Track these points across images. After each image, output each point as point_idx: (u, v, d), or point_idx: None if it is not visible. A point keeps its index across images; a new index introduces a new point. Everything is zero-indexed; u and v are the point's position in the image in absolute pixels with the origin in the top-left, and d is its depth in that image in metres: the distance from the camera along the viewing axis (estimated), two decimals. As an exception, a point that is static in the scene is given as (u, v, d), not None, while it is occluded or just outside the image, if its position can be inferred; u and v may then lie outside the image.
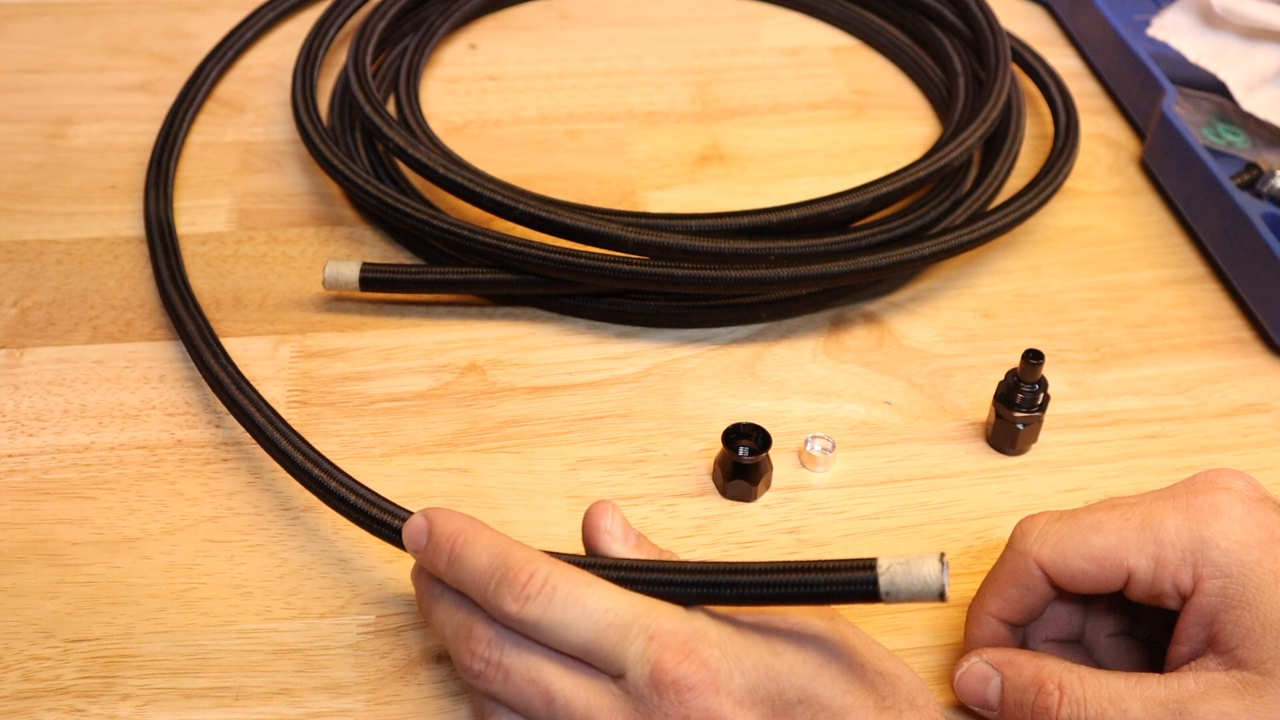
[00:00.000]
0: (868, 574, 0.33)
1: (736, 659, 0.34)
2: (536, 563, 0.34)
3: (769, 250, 0.51)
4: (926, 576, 0.33)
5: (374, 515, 0.41)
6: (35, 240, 0.56)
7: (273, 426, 0.44)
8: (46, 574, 0.43)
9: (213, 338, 0.49)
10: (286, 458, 0.43)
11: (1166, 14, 0.69)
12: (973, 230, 0.53)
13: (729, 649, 0.34)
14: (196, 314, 0.50)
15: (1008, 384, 0.47)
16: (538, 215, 0.51)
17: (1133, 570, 0.36)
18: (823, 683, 0.34)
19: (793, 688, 0.33)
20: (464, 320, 0.53)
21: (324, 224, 0.58)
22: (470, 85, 0.67)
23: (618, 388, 0.51)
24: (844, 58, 0.71)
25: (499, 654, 0.34)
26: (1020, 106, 0.61)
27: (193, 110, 0.63)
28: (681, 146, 0.64)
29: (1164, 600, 0.36)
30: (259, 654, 0.41)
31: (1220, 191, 0.56)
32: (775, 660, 0.34)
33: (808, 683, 0.34)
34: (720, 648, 0.34)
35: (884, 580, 0.33)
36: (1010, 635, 0.39)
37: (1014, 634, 0.39)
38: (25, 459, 0.47)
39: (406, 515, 0.40)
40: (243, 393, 0.46)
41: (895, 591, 0.33)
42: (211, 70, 0.66)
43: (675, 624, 0.34)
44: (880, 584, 0.33)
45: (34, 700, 0.39)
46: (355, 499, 0.41)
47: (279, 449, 0.44)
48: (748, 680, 0.33)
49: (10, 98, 0.65)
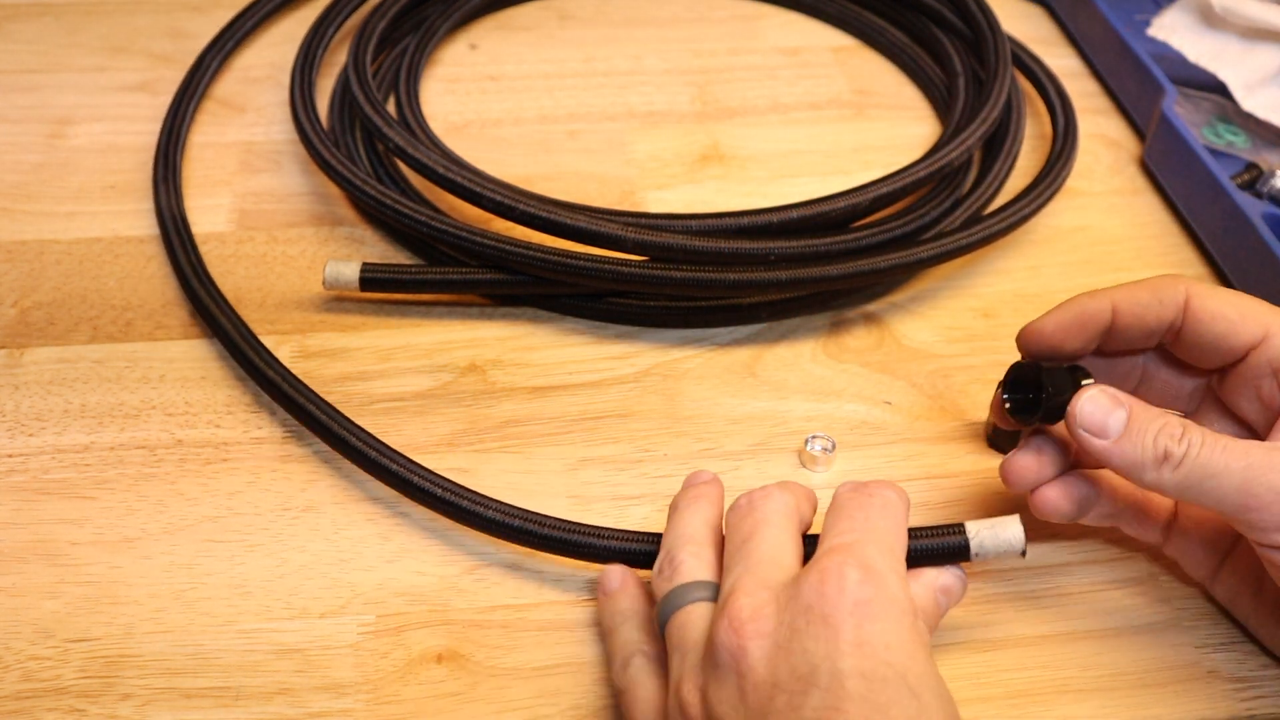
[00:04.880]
0: (959, 538, 0.38)
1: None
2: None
3: (769, 250, 0.51)
4: (1011, 538, 0.38)
5: (464, 506, 0.43)
6: (35, 240, 0.56)
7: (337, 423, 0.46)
8: (46, 574, 0.43)
9: (247, 330, 0.50)
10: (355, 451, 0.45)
11: (1166, 14, 0.69)
12: (972, 233, 0.53)
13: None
14: (226, 309, 0.51)
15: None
16: (538, 215, 0.51)
17: (1271, 334, 0.38)
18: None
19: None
20: (464, 320, 0.53)
21: (324, 224, 0.58)
22: (470, 85, 0.67)
23: (618, 388, 0.51)
24: (844, 58, 0.71)
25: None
26: (1020, 106, 0.61)
27: (195, 100, 0.63)
28: (681, 146, 0.64)
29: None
30: (259, 654, 0.41)
31: (1220, 191, 0.56)
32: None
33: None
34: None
35: (974, 543, 0.38)
36: (1103, 326, 0.40)
37: (1101, 331, 0.40)
38: (25, 459, 0.47)
39: (490, 502, 0.43)
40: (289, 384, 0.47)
41: (983, 552, 0.38)
42: (213, 60, 0.66)
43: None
44: (971, 546, 0.38)
45: (34, 700, 0.39)
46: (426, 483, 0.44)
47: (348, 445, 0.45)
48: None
49: (10, 98, 0.65)
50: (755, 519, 0.37)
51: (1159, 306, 0.39)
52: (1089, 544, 0.45)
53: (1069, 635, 0.42)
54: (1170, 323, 0.39)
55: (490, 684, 0.40)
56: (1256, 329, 0.38)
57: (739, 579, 0.35)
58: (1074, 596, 0.44)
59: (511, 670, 0.41)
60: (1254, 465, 0.35)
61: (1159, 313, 0.39)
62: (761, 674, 0.32)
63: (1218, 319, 0.38)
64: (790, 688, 0.31)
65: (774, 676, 0.32)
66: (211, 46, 0.67)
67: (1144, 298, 0.39)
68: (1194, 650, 0.42)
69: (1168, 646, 0.42)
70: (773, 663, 0.32)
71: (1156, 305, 0.39)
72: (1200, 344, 0.39)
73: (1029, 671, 0.41)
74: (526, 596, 0.43)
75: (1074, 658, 0.42)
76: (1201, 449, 0.36)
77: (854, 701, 0.30)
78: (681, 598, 0.36)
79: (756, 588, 0.34)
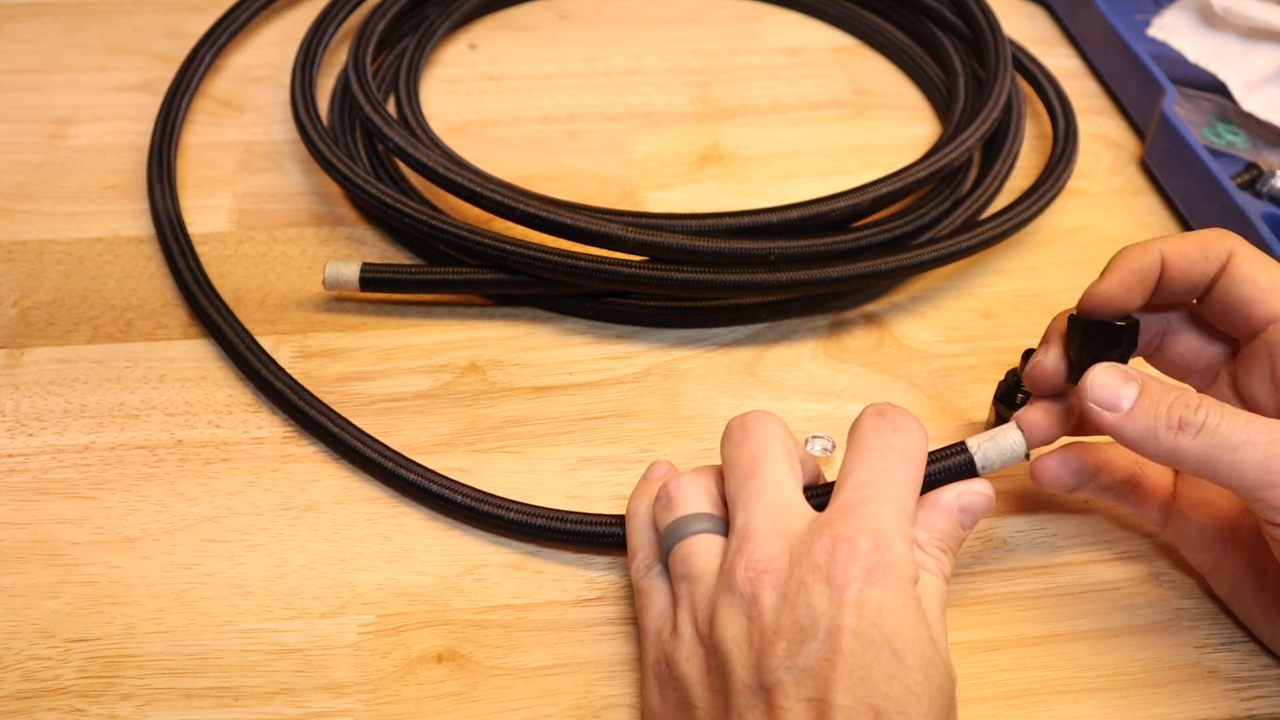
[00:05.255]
0: (963, 456, 0.39)
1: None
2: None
3: (769, 250, 0.51)
4: (1012, 443, 0.40)
5: (485, 510, 0.44)
6: (35, 240, 0.56)
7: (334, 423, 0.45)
8: (46, 574, 0.43)
9: (241, 328, 0.50)
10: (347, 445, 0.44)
11: (1166, 14, 0.69)
12: (972, 236, 0.53)
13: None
14: (221, 308, 0.51)
15: (1008, 384, 0.47)
16: (538, 215, 0.51)
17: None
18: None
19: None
20: (464, 320, 0.53)
21: (324, 224, 0.58)
22: (470, 85, 0.67)
23: (618, 388, 0.51)
24: (844, 58, 0.71)
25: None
26: (1020, 107, 0.61)
27: (189, 96, 0.63)
28: (681, 146, 0.64)
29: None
30: (259, 654, 0.41)
31: (1220, 191, 0.56)
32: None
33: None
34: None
35: (978, 457, 0.39)
36: (1153, 280, 0.39)
37: (1152, 286, 0.39)
38: (25, 459, 0.47)
39: (511, 504, 0.44)
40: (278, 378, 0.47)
41: (989, 463, 0.40)
42: (206, 54, 0.65)
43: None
44: (976, 460, 0.39)
45: (34, 700, 0.39)
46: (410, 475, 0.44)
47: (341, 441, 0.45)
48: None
49: (10, 98, 0.65)
50: (754, 448, 0.39)
51: (1204, 261, 0.39)
52: (1089, 544, 0.45)
53: (1069, 635, 0.42)
54: (1211, 278, 0.39)
55: (490, 684, 0.40)
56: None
57: (753, 522, 0.36)
58: (1074, 596, 0.44)
59: (511, 670, 0.41)
60: (1277, 441, 0.35)
61: (1203, 267, 0.39)
62: (768, 620, 0.34)
63: (1247, 283, 0.38)
64: (791, 636, 0.34)
65: (778, 624, 0.34)
66: (204, 41, 0.66)
67: (1191, 251, 0.39)
68: (1194, 650, 0.42)
69: (1168, 646, 0.42)
70: (779, 611, 0.34)
71: (1202, 260, 0.39)
72: (1225, 305, 0.39)
73: (1029, 671, 0.41)
74: (526, 596, 0.43)
75: (1074, 658, 0.42)
76: (1222, 420, 0.36)
77: (844, 656, 0.33)
78: (683, 529, 0.38)
79: (771, 536, 0.36)
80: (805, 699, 0.33)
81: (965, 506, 0.39)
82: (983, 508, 0.39)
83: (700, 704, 0.35)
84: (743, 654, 0.34)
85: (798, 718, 0.33)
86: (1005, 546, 0.45)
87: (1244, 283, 0.38)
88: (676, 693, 0.36)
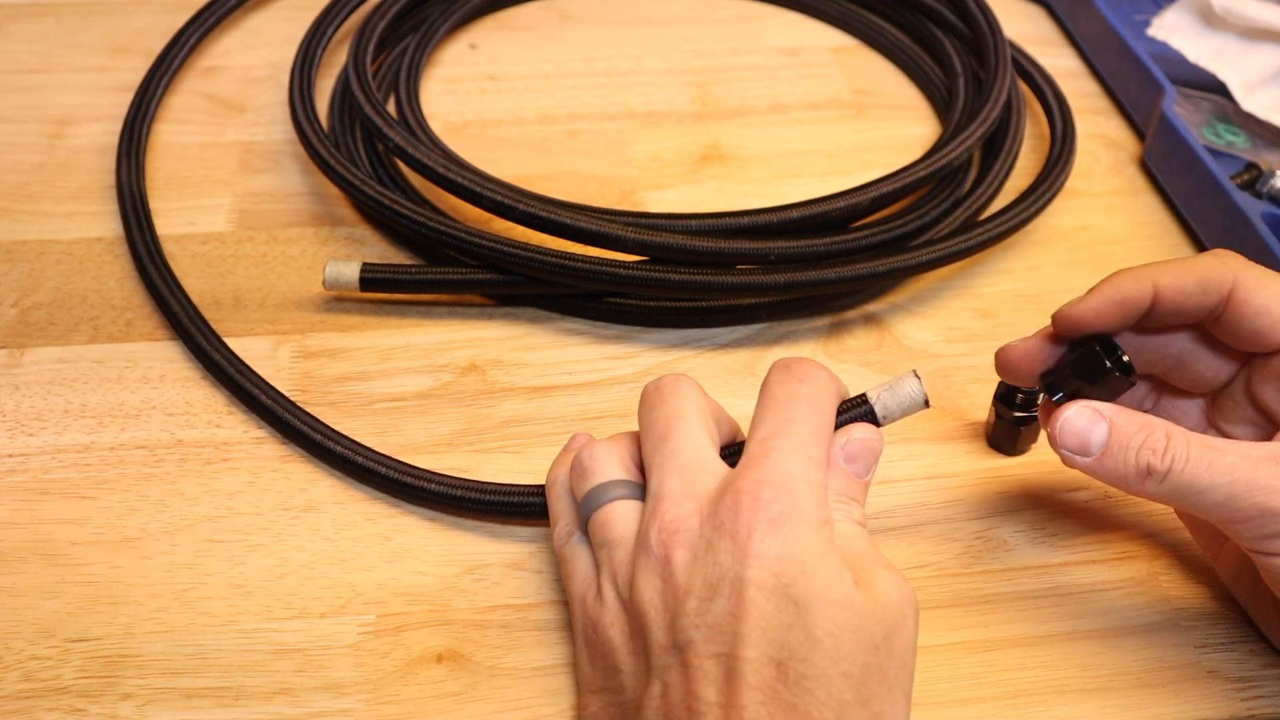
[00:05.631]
0: (864, 407, 0.40)
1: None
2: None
3: (769, 250, 0.51)
4: (911, 391, 0.40)
5: (408, 482, 0.44)
6: (35, 240, 0.56)
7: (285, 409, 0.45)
8: (47, 574, 0.43)
9: (209, 329, 0.50)
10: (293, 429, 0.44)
11: (1166, 14, 0.69)
12: (970, 238, 0.53)
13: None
14: (190, 309, 0.51)
15: (1008, 384, 0.47)
16: (538, 215, 0.51)
17: None
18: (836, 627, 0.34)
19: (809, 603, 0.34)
20: (464, 320, 0.53)
21: (324, 224, 0.58)
22: (470, 85, 0.67)
23: (618, 388, 0.51)
24: (844, 58, 0.71)
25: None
26: (1020, 107, 0.61)
27: (168, 76, 0.63)
28: (681, 146, 0.64)
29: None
30: (259, 654, 0.41)
31: (1220, 191, 0.56)
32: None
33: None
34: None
35: (878, 407, 0.40)
36: (1143, 310, 0.39)
37: (1142, 314, 0.39)
38: (25, 459, 0.47)
39: (431, 476, 0.45)
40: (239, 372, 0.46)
41: (889, 413, 0.40)
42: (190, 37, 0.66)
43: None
44: (876, 411, 0.40)
45: (34, 700, 0.39)
46: (369, 462, 0.44)
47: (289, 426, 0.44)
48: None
49: (10, 98, 0.65)
50: (668, 411, 0.39)
51: (1202, 296, 0.38)
52: (1089, 544, 0.45)
53: (1069, 635, 0.42)
54: (1212, 309, 0.38)
55: (490, 684, 0.40)
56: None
57: (666, 484, 0.37)
58: (1074, 596, 0.44)
59: (511, 670, 0.41)
60: (1238, 481, 0.36)
61: (1200, 301, 0.38)
62: (681, 579, 0.35)
63: (1261, 314, 0.37)
64: (701, 594, 0.34)
65: (689, 583, 0.35)
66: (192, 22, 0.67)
67: (1189, 285, 0.38)
68: (1194, 650, 0.42)
69: (1167, 646, 0.42)
70: (689, 570, 0.35)
71: (1200, 295, 0.38)
72: (1238, 333, 0.38)
73: (1029, 671, 0.41)
74: (526, 596, 0.43)
75: (1073, 658, 0.42)
76: (1186, 465, 0.36)
77: (749, 609, 0.33)
78: (600, 497, 0.39)
79: (684, 497, 0.36)
80: (714, 655, 0.33)
81: (851, 455, 0.38)
82: (869, 451, 0.39)
83: (625, 668, 0.36)
84: (659, 615, 0.35)
85: (708, 674, 0.33)
86: (1005, 546, 0.45)
87: (1256, 315, 0.38)
88: (604, 658, 0.37)
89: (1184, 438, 0.36)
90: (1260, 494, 0.35)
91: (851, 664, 0.33)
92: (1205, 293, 0.38)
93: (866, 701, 0.33)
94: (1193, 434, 0.36)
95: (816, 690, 0.33)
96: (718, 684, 0.33)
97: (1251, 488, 0.35)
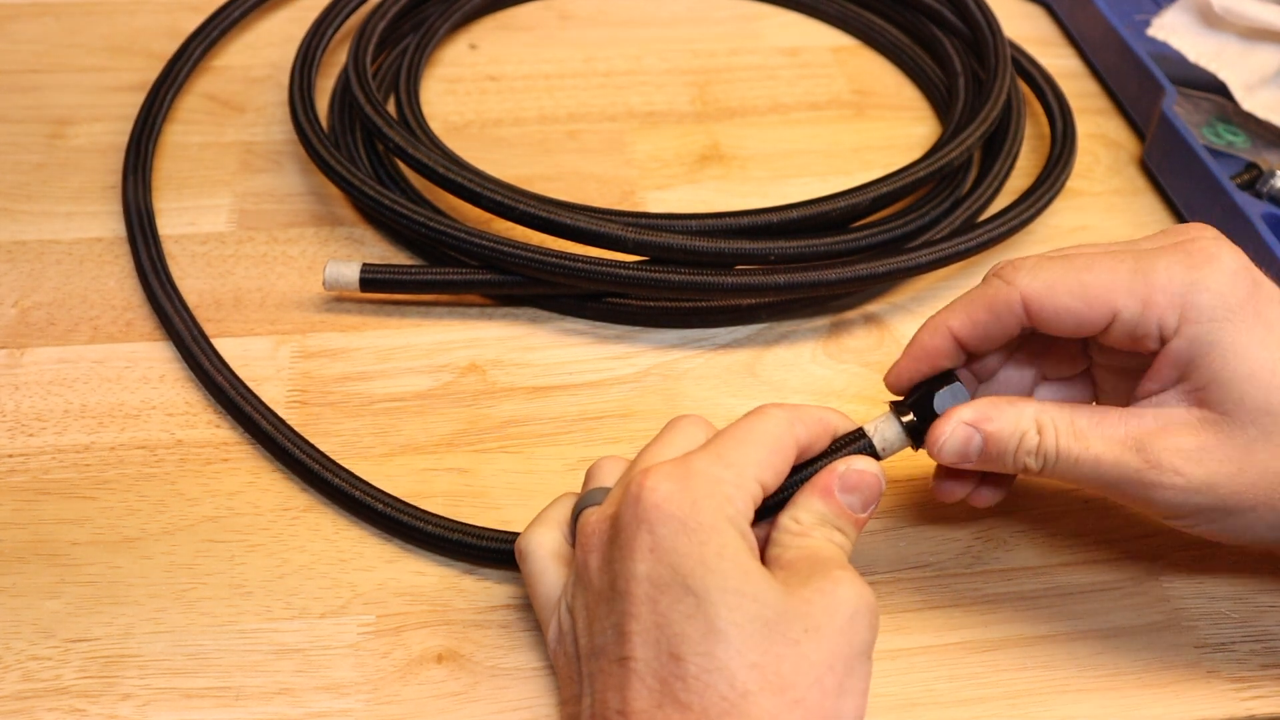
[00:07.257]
0: (862, 441, 0.39)
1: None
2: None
3: (769, 250, 0.51)
4: (900, 432, 0.39)
5: (380, 510, 0.43)
6: (35, 240, 0.56)
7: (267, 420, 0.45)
8: (47, 574, 0.43)
9: (201, 334, 0.50)
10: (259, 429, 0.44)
11: (1166, 14, 0.69)
12: (970, 239, 0.53)
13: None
14: (184, 311, 0.51)
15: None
16: (538, 215, 0.51)
17: (1119, 311, 0.36)
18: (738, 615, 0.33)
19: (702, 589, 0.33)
20: (464, 320, 0.53)
21: (324, 224, 0.58)
22: (470, 85, 0.67)
23: (618, 388, 0.51)
24: (844, 58, 0.71)
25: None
26: (1020, 106, 0.61)
27: (173, 92, 0.63)
28: (681, 146, 0.64)
29: (1144, 343, 0.37)
30: (259, 654, 0.41)
31: (1220, 191, 0.56)
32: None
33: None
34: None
35: (877, 440, 0.39)
36: (954, 354, 0.39)
37: (957, 355, 0.39)
38: (25, 459, 0.47)
39: (410, 509, 0.43)
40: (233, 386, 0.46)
41: (889, 445, 0.39)
42: (196, 49, 0.66)
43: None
44: (876, 445, 0.39)
45: (34, 700, 0.39)
46: (355, 490, 0.42)
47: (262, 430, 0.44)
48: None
49: (10, 98, 0.65)
50: (655, 446, 0.39)
51: (998, 322, 0.38)
52: (1089, 544, 0.45)
53: (1069, 635, 0.42)
54: (1019, 330, 0.38)
55: (490, 684, 0.40)
56: (1104, 312, 0.36)
57: (610, 496, 0.37)
58: (1074, 596, 0.44)
59: (511, 670, 0.41)
60: (1104, 467, 0.36)
61: (1005, 324, 0.38)
62: (596, 585, 0.35)
63: (1063, 314, 0.37)
64: (607, 596, 0.34)
65: (601, 587, 0.35)
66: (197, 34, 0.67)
67: (981, 316, 0.38)
68: (1194, 650, 0.42)
69: (1167, 646, 0.42)
70: (600, 575, 0.35)
71: (995, 322, 0.38)
72: (1059, 334, 0.38)
73: (1029, 671, 0.41)
74: (526, 596, 0.43)
75: (1074, 658, 0.42)
76: (1058, 462, 0.37)
77: (642, 605, 0.33)
78: (584, 502, 0.39)
79: (609, 503, 0.36)
80: (618, 659, 0.33)
81: (848, 486, 0.37)
82: (867, 485, 0.37)
83: (570, 679, 0.36)
84: (584, 623, 0.35)
85: (612, 680, 0.33)
86: (1005, 546, 0.45)
87: (1059, 316, 0.37)
88: (561, 670, 0.37)
89: (1053, 432, 0.37)
90: (1128, 481, 0.36)
91: (763, 656, 0.32)
92: (1000, 318, 0.38)
93: (782, 690, 0.32)
94: (1062, 420, 0.37)
95: (718, 683, 0.32)
96: (619, 690, 0.33)
97: (1119, 472, 0.36)
